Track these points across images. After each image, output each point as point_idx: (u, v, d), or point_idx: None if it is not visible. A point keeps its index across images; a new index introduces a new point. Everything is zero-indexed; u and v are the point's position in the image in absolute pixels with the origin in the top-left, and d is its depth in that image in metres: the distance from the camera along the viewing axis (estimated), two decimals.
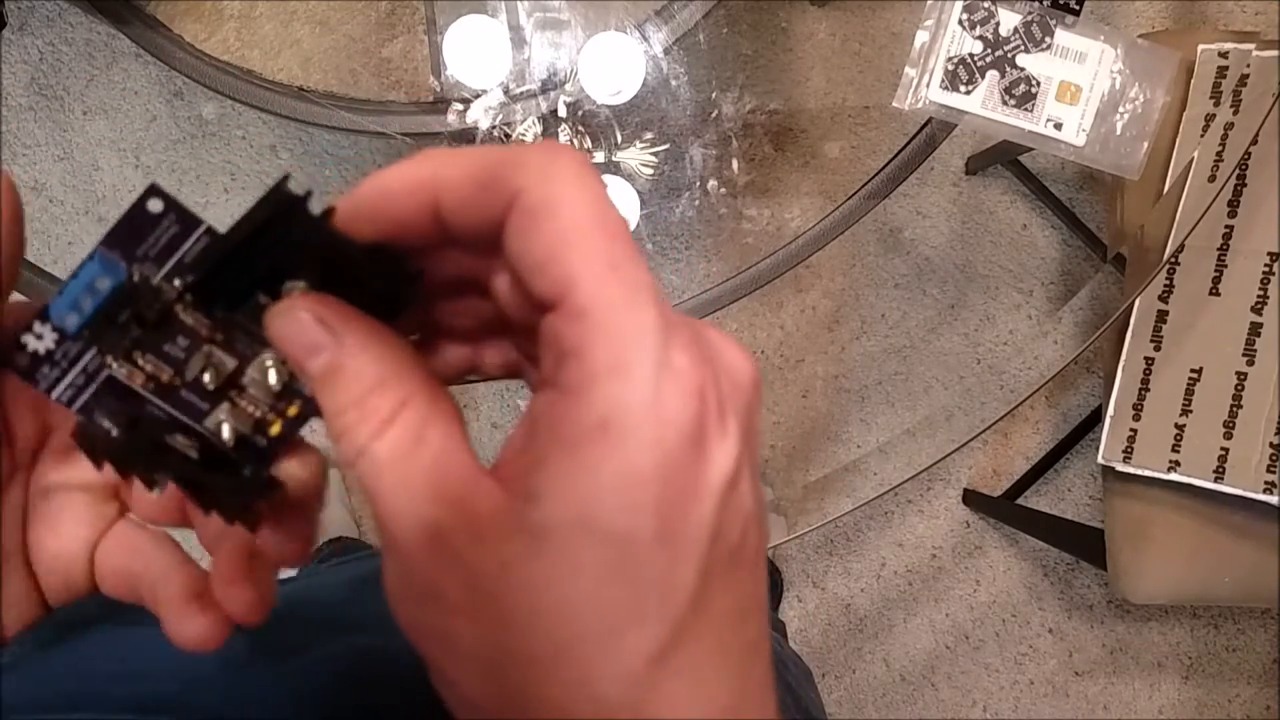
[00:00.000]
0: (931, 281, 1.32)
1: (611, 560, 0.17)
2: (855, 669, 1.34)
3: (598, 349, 0.18)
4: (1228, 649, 1.34)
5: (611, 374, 0.17)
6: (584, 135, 0.77)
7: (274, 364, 0.21)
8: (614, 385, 0.17)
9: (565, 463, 0.18)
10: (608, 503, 0.17)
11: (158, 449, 0.21)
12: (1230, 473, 0.86)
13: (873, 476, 0.77)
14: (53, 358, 0.21)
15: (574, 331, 0.18)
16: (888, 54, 1.17)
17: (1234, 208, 0.89)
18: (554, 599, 0.17)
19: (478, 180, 0.19)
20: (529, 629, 0.18)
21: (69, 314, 0.20)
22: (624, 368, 0.17)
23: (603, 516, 0.17)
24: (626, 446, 0.17)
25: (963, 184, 1.32)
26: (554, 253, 0.18)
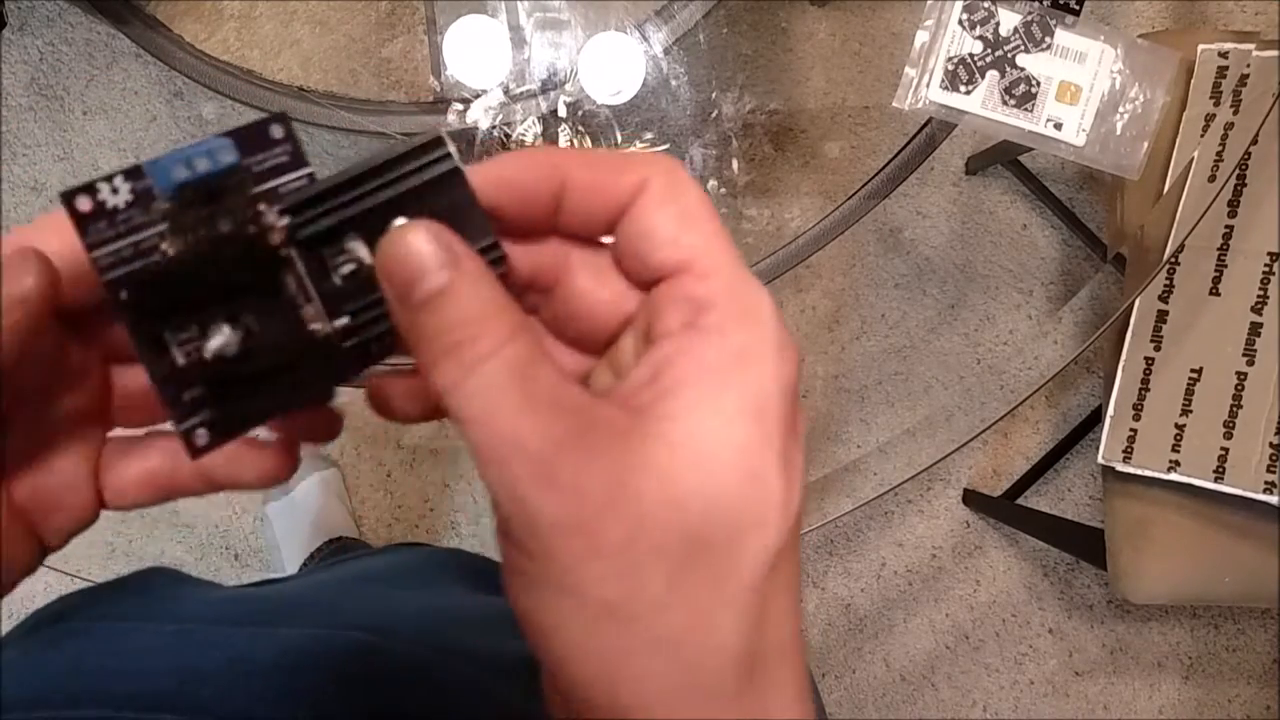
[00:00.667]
0: (931, 281, 1.32)
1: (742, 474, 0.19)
2: (855, 669, 1.34)
3: (733, 300, 0.21)
4: (1228, 649, 1.34)
5: (746, 316, 0.21)
6: (584, 135, 0.77)
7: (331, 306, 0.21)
8: (750, 325, 0.20)
9: (708, 383, 0.20)
10: (747, 414, 0.20)
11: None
12: (1230, 473, 0.86)
13: (873, 476, 0.77)
14: (115, 216, 0.19)
15: (708, 287, 0.21)
16: (888, 54, 1.16)
17: (1234, 208, 0.89)
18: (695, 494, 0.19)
19: (606, 168, 0.21)
20: (669, 523, 0.19)
21: (178, 168, 0.20)
22: (756, 312, 0.21)
23: (739, 434, 0.20)
24: (762, 370, 0.20)
25: (963, 184, 1.32)
26: (686, 226, 0.21)
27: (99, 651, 0.36)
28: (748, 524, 0.19)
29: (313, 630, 0.38)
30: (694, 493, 0.19)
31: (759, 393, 0.20)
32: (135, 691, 0.32)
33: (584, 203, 0.22)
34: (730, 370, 0.20)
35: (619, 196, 0.22)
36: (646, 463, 0.19)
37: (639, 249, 0.22)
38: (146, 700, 0.32)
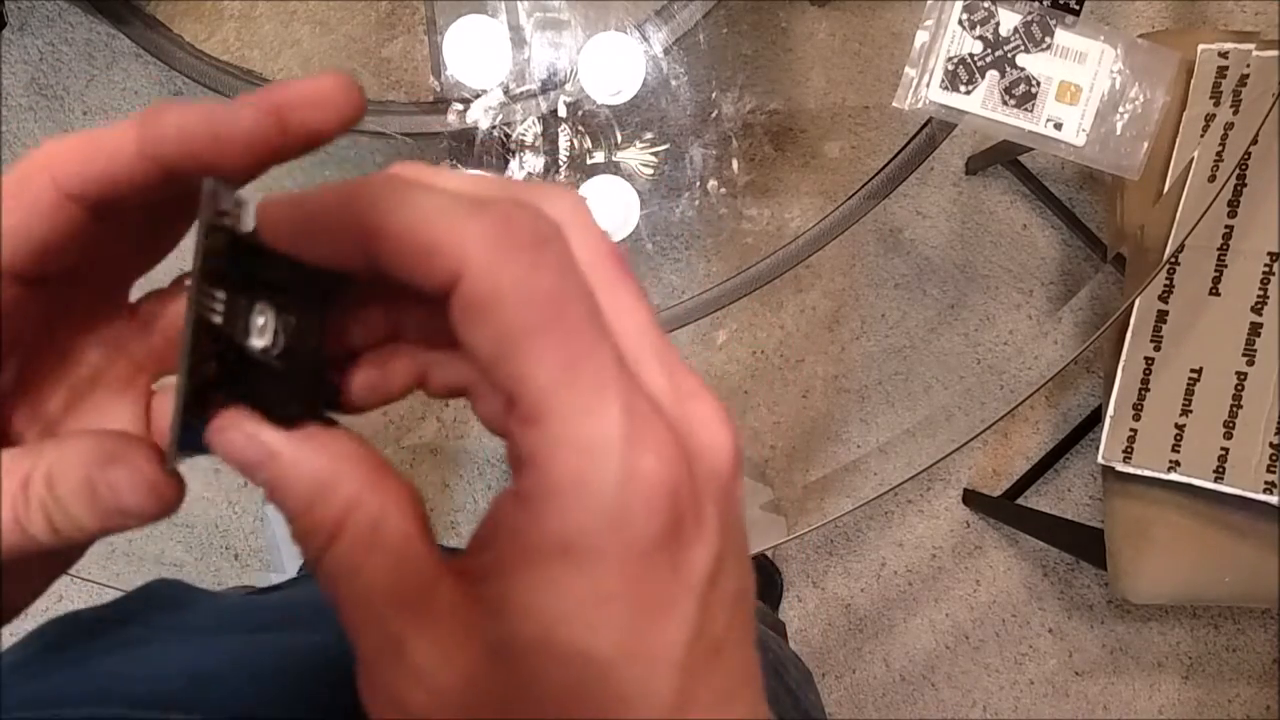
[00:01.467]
0: (931, 281, 1.32)
1: (581, 680, 0.17)
2: (855, 669, 1.34)
3: (555, 462, 0.17)
4: (1228, 649, 1.34)
5: (571, 491, 0.17)
6: (584, 135, 0.77)
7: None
8: (573, 503, 0.16)
9: (527, 579, 0.17)
10: (574, 624, 0.17)
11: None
12: (1230, 473, 0.86)
13: (873, 476, 0.77)
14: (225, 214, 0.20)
15: (529, 439, 0.17)
16: (888, 54, 1.17)
17: (1234, 208, 0.89)
18: (522, 716, 0.17)
19: (417, 246, 0.17)
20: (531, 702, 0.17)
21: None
22: (583, 485, 0.16)
23: (569, 638, 0.17)
24: (591, 567, 0.17)
25: (963, 184, 1.32)
26: (501, 352, 0.17)
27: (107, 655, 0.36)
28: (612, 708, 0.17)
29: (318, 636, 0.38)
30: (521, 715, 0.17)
31: (591, 591, 0.17)
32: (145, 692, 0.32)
33: (401, 278, 0.18)
34: (552, 565, 0.17)
35: (432, 284, 0.17)
36: (472, 680, 0.17)
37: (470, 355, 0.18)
38: (157, 700, 0.32)
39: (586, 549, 0.16)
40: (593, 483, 0.16)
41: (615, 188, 0.74)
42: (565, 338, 0.17)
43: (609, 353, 0.17)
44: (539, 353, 0.17)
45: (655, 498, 0.17)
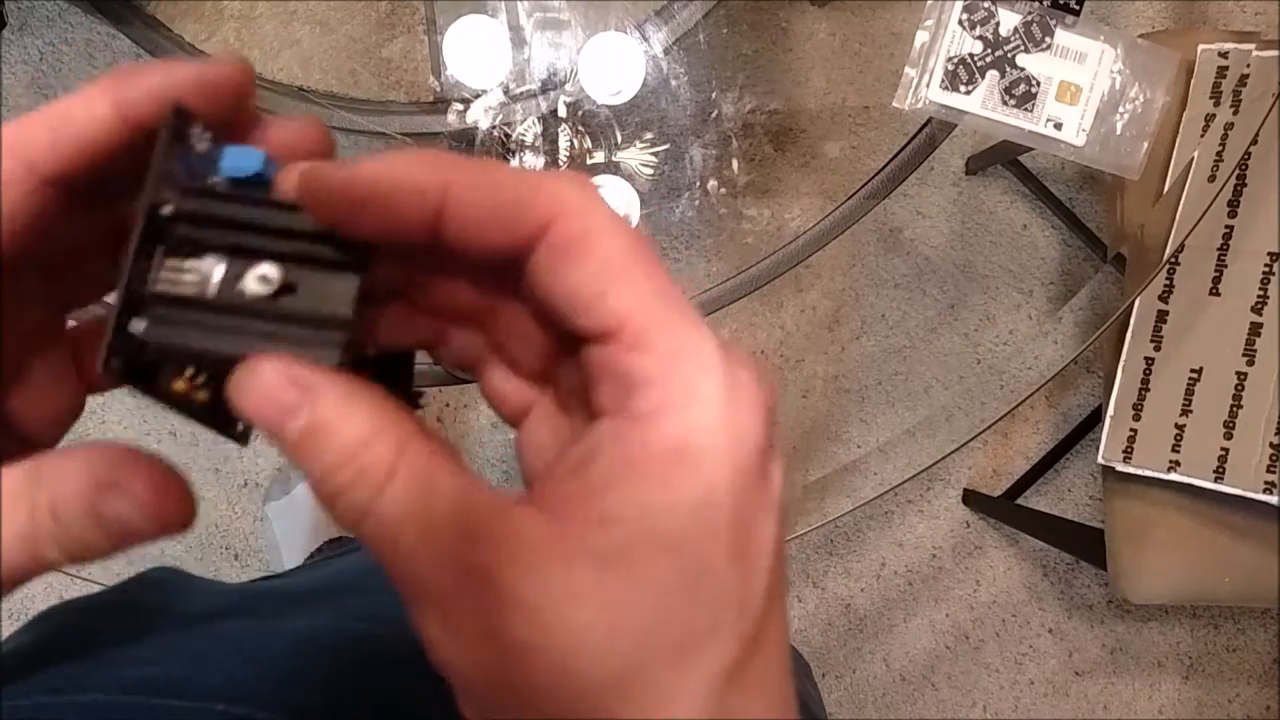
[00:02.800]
0: (931, 281, 1.32)
1: (688, 580, 0.17)
2: (855, 669, 1.34)
3: (669, 376, 0.18)
4: (1228, 649, 1.34)
5: (686, 400, 0.17)
6: (584, 135, 0.77)
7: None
8: (691, 411, 0.17)
9: (641, 486, 0.17)
10: (687, 524, 0.17)
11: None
12: (1230, 473, 0.86)
13: (873, 476, 0.77)
14: (188, 155, 0.19)
15: (639, 362, 0.18)
16: (888, 54, 1.16)
17: (1234, 208, 0.89)
18: (627, 620, 0.17)
19: (500, 203, 0.18)
20: (601, 654, 0.17)
21: (254, 160, 0.20)
22: (697, 394, 0.18)
23: (681, 538, 0.17)
24: (704, 469, 0.17)
25: (963, 184, 1.32)
26: (603, 286, 0.18)
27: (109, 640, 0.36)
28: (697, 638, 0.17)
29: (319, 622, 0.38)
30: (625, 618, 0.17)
31: (704, 488, 0.17)
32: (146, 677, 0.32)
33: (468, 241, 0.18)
34: (668, 469, 0.17)
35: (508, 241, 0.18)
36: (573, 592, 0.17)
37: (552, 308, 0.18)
38: (157, 685, 0.32)
39: (701, 449, 0.17)
40: (705, 390, 0.18)
41: (615, 188, 0.74)
42: (653, 270, 0.18)
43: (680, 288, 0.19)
44: (636, 281, 0.18)
45: (757, 407, 0.18)
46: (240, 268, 0.19)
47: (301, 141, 0.21)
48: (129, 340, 0.18)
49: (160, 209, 0.19)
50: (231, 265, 0.19)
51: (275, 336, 0.18)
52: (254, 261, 0.19)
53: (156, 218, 0.19)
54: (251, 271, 0.19)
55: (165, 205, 0.19)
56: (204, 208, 0.19)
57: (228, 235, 0.19)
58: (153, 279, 0.19)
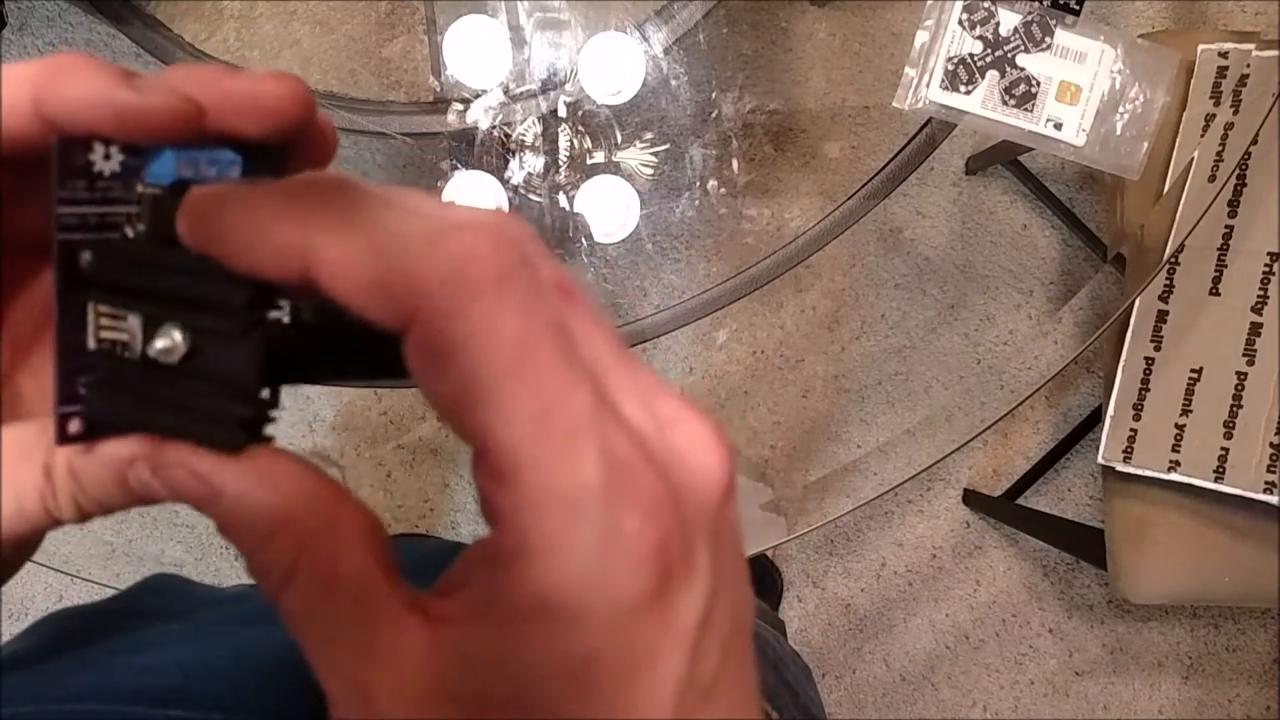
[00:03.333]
0: (931, 281, 1.32)
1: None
2: (855, 669, 1.34)
3: (530, 522, 0.15)
4: (1228, 649, 1.34)
5: (548, 553, 0.15)
6: (584, 135, 0.77)
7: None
8: (551, 566, 0.15)
9: (502, 638, 0.16)
10: (550, 688, 0.16)
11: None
12: (1230, 473, 0.86)
13: (873, 476, 0.77)
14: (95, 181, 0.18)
15: (502, 496, 0.16)
16: (888, 54, 1.16)
17: (1234, 208, 0.89)
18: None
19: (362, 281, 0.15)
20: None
21: (182, 164, 0.18)
22: (560, 546, 0.15)
23: (547, 700, 0.16)
24: (571, 630, 0.15)
25: (963, 184, 1.32)
26: (464, 405, 0.15)
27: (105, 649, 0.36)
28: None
29: None
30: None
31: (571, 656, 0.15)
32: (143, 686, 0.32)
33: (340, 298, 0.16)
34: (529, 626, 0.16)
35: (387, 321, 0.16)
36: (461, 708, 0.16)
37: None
38: (155, 695, 0.32)
39: (566, 612, 0.15)
40: (571, 544, 0.15)
41: (615, 188, 0.74)
42: (536, 384, 0.15)
43: (585, 396, 0.16)
44: (506, 403, 0.15)
45: (640, 556, 0.15)
46: (153, 327, 0.18)
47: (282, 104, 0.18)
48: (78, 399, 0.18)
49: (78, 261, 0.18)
50: (147, 323, 0.18)
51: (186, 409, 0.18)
52: (163, 321, 0.18)
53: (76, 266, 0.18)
54: (160, 334, 0.18)
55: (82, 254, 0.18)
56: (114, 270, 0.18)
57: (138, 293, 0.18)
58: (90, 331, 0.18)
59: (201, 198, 0.17)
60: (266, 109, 0.18)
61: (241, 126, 0.18)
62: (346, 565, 0.17)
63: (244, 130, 0.18)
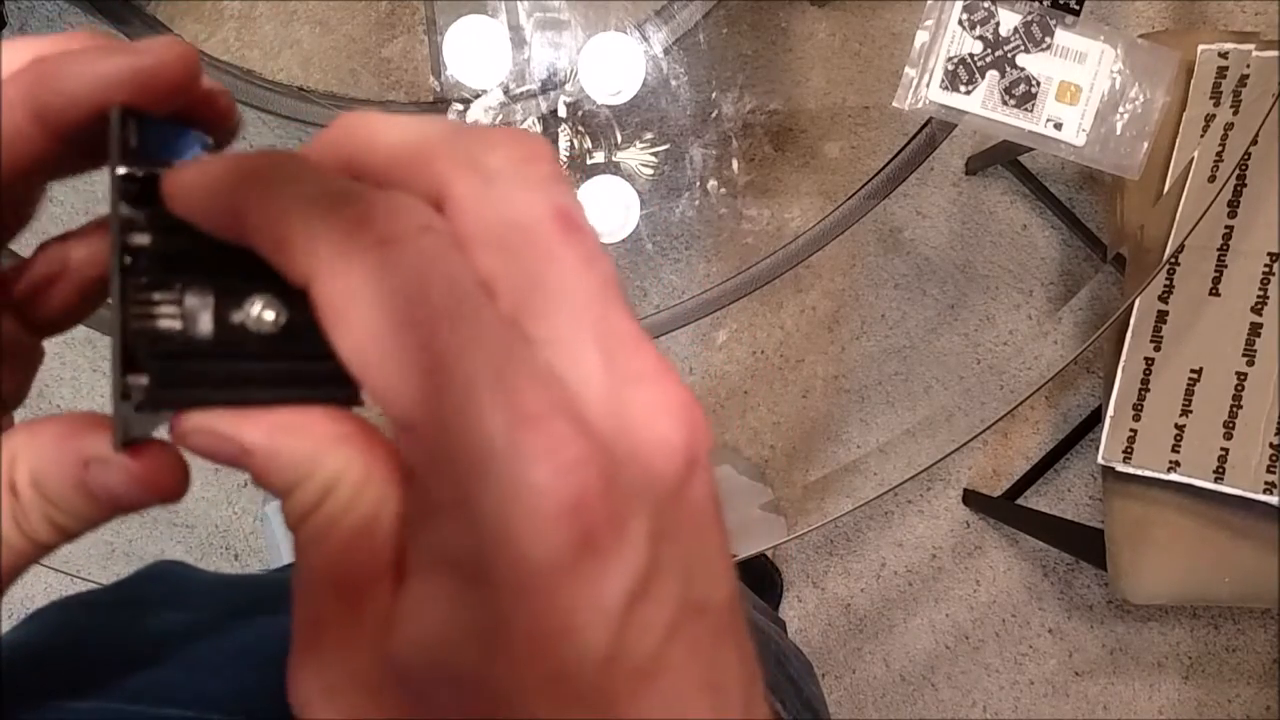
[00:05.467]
0: (931, 281, 1.32)
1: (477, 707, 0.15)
2: (855, 669, 1.34)
3: (432, 477, 0.15)
4: (1228, 649, 1.34)
5: (449, 510, 0.15)
6: (584, 135, 0.77)
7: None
8: (455, 523, 0.15)
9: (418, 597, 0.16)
10: (465, 651, 0.15)
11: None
12: (1230, 473, 0.86)
13: (873, 476, 0.77)
14: (133, 153, 0.18)
15: (407, 449, 0.15)
16: (888, 54, 1.17)
17: (1234, 208, 0.89)
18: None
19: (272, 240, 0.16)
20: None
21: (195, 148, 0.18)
22: (463, 502, 0.15)
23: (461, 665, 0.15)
24: (479, 591, 0.15)
25: (963, 184, 1.32)
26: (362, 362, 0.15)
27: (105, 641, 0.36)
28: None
29: None
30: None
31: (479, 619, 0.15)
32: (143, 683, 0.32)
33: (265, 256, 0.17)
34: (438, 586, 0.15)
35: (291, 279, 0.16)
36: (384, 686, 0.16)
37: None
38: (155, 692, 0.32)
39: (474, 573, 0.15)
40: (473, 501, 0.15)
41: (615, 188, 0.74)
42: (428, 339, 0.15)
43: (490, 348, 0.15)
44: (396, 361, 0.15)
45: (548, 515, 0.15)
46: (230, 302, 0.17)
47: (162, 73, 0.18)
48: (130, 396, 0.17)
49: (131, 241, 0.17)
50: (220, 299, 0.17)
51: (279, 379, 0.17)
52: (243, 296, 0.17)
53: (129, 251, 0.17)
54: (246, 308, 0.17)
55: (138, 235, 0.17)
56: (172, 243, 0.17)
57: (206, 266, 0.17)
58: (142, 317, 0.17)
59: (182, 168, 0.17)
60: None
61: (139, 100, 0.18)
62: (359, 509, 0.17)
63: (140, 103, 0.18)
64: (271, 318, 0.17)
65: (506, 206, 0.16)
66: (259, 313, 0.17)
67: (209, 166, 0.17)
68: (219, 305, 0.17)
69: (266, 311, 0.17)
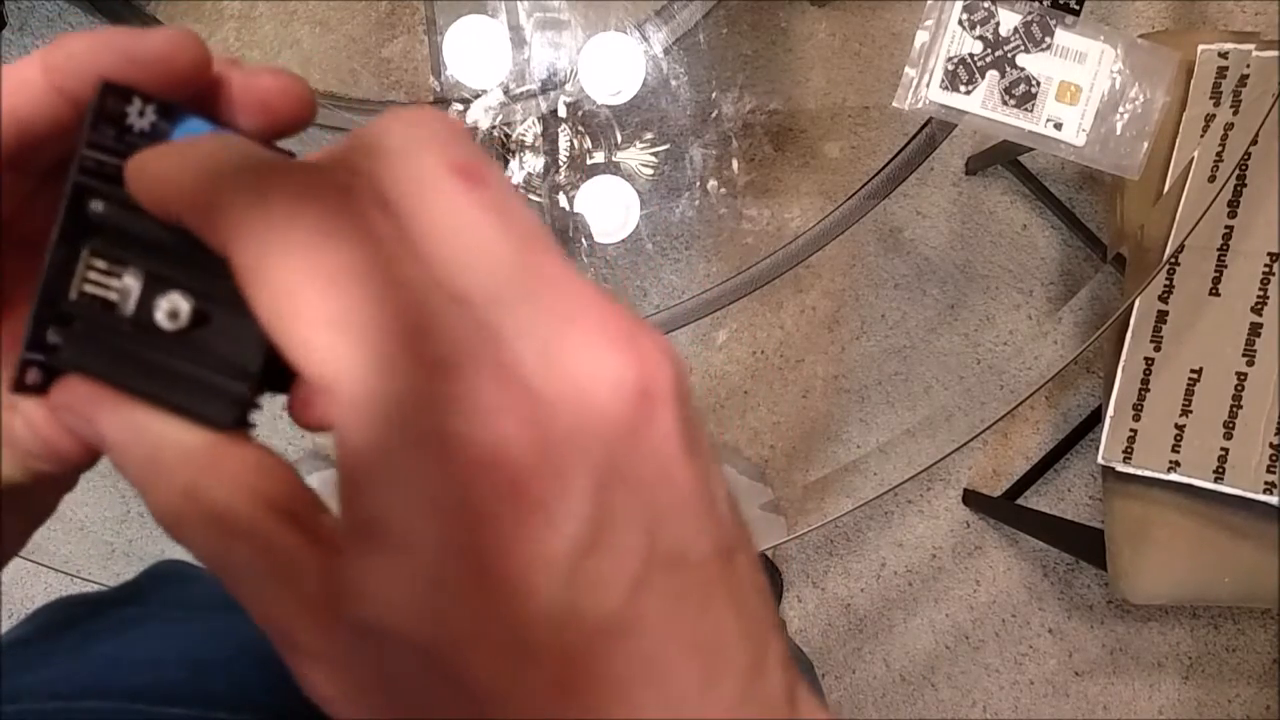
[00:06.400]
0: (931, 281, 1.32)
1: (431, 676, 0.15)
2: (855, 669, 1.34)
3: (351, 434, 0.15)
4: (1228, 649, 1.34)
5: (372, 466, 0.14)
6: (584, 135, 0.77)
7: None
8: (377, 480, 0.14)
9: (353, 563, 0.15)
10: (404, 614, 0.14)
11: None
12: (1230, 473, 0.86)
13: (873, 476, 0.77)
14: (125, 133, 0.18)
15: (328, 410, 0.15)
16: (888, 54, 1.16)
17: (1234, 208, 0.89)
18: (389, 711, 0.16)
19: (202, 214, 0.16)
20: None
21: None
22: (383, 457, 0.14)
23: (403, 629, 0.15)
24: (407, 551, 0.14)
25: (963, 184, 1.32)
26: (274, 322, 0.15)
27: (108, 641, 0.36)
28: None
29: None
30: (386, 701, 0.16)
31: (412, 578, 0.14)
32: (146, 683, 0.32)
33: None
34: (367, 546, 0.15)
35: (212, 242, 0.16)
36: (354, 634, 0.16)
37: None
38: (157, 691, 0.32)
39: (399, 533, 0.14)
40: (393, 454, 0.14)
41: (615, 188, 0.74)
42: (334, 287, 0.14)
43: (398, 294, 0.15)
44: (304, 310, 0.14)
45: (471, 463, 0.14)
46: (155, 289, 0.18)
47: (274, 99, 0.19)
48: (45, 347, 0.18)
49: (88, 203, 0.17)
50: (148, 285, 0.18)
51: (177, 375, 0.18)
52: (168, 286, 0.18)
53: (84, 213, 0.18)
54: (164, 298, 0.18)
55: (94, 200, 0.17)
56: (125, 221, 0.18)
57: (146, 256, 0.18)
58: (76, 278, 0.18)
59: (142, 155, 0.17)
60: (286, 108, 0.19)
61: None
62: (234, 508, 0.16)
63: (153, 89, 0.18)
64: (185, 310, 0.17)
65: (406, 170, 0.16)
66: (174, 305, 0.17)
67: (168, 148, 0.17)
68: (146, 289, 0.18)
69: (182, 304, 0.17)
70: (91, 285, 0.18)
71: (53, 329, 0.18)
